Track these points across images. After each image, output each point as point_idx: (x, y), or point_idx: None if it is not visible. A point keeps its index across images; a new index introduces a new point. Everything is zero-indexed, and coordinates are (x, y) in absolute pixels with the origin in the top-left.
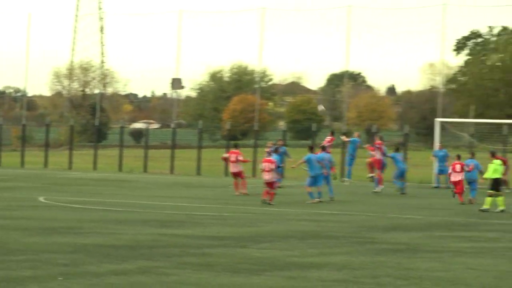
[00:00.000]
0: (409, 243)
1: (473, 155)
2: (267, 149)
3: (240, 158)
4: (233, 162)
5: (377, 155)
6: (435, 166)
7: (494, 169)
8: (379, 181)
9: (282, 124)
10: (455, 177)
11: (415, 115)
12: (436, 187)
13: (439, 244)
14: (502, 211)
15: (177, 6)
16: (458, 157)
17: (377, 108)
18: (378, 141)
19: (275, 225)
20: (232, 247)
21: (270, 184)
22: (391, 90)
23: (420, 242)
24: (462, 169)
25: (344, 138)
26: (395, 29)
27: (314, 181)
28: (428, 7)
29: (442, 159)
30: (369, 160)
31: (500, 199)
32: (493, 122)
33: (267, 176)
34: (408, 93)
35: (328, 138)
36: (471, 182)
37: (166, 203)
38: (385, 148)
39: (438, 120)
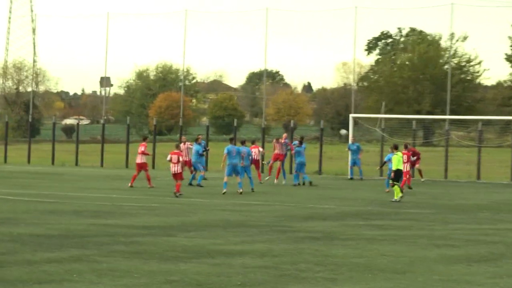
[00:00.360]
0: (326, 231)
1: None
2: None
3: (145, 150)
4: (139, 153)
5: (278, 150)
6: (349, 159)
7: (398, 161)
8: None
9: (205, 120)
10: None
11: (330, 110)
12: (350, 179)
13: (354, 232)
14: (395, 200)
15: (105, 9)
16: (405, 147)
17: (294, 105)
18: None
19: (200, 215)
20: (160, 236)
21: (177, 176)
22: (308, 87)
23: (336, 230)
24: (409, 159)
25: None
26: (311, 30)
27: (232, 170)
28: (341, 10)
29: (355, 152)
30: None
31: (396, 189)
32: (403, 117)
33: (174, 168)
34: (323, 90)
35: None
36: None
37: (96, 194)
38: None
39: (352, 115)
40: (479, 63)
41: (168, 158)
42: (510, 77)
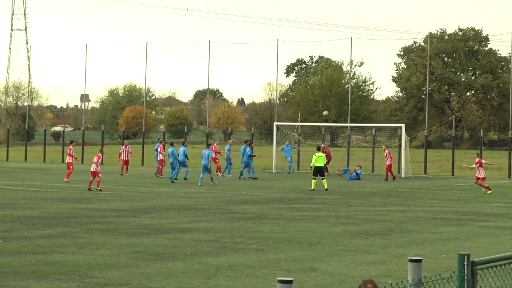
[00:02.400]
0: (256, 212)
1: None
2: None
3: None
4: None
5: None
6: (283, 156)
7: (316, 159)
8: (218, 169)
9: (162, 127)
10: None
11: (259, 120)
12: (277, 173)
13: (278, 213)
14: (326, 189)
15: (84, 40)
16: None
17: (231, 115)
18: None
19: (159, 200)
20: (128, 217)
21: (94, 173)
22: (241, 101)
23: (263, 212)
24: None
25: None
26: (243, 57)
27: (204, 169)
28: (266, 42)
29: (288, 152)
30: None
31: (324, 181)
32: (314, 125)
33: (93, 167)
34: (254, 104)
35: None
36: None
37: (78, 185)
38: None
39: (275, 123)
40: (373, 83)
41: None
42: (396, 94)
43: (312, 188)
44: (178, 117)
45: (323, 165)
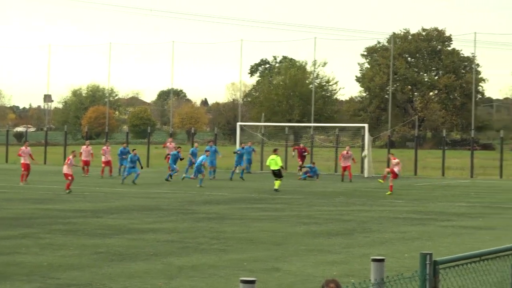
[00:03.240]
0: (219, 213)
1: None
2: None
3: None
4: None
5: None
6: (245, 158)
7: (270, 162)
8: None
9: (125, 128)
10: (344, 163)
11: (222, 120)
12: (248, 173)
13: (241, 213)
14: (276, 190)
15: (47, 41)
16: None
17: (194, 115)
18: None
19: (121, 201)
20: (90, 217)
21: (66, 176)
22: (205, 102)
23: (226, 212)
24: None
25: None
26: (207, 57)
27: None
28: (230, 42)
29: (249, 153)
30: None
31: (277, 182)
32: (278, 125)
33: (64, 168)
34: (217, 104)
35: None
36: None
37: (41, 186)
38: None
39: (239, 123)
40: (336, 83)
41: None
42: (359, 94)
43: (276, 188)
44: (141, 117)
45: (278, 168)
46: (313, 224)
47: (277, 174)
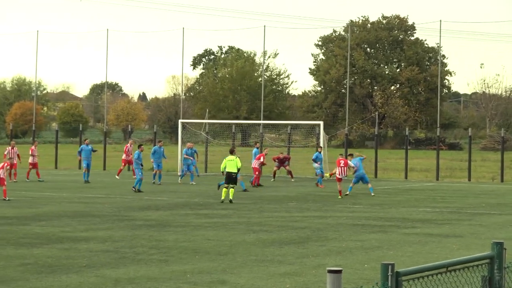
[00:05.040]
0: (159, 219)
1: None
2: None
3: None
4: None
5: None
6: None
7: (227, 164)
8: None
9: (54, 125)
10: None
11: (162, 117)
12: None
13: (183, 220)
14: (231, 201)
15: None
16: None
17: (131, 112)
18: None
19: (51, 206)
20: (16, 225)
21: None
22: (143, 96)
23: (167, 218)
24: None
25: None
26: (145, 48)
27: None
28: (170, 31)
29: (192, 155)
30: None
31: (232, 191)
32: (224, 122)
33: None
34: (156, 99)
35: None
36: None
37: None
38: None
39: (180, 121)
40: (288, 76)
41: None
42: (313, 88)
43: (222, 198)
44: (72, 113)
45: (236, 171)
46: (264, 232)
47: (234, 179)
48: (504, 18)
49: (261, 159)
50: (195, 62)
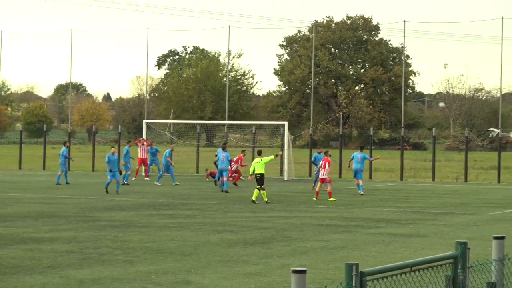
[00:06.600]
0: (124, 220)
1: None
2: None
3: None
4: None
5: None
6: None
7: (255, 166)
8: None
9: (19, 126)
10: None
11: (127, 117)
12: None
13: (148, 221)
14: (267, 202)
15: None
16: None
17: (96, 112)
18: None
19: (14, 207)
20: None
21: None
22: (107, 97)
23: (132, 219)
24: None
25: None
26: (110, 48)
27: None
28: (135, 31)
29: (154, 154)
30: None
31: (264, 193)
32: (188, 122)
33: None
34: (121, 99)
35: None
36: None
37: None
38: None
39: (145, 121)
40: (253, 76)
41: None
42: (278, 88)
43: (253, 199)
44: (36, 114)
45: (263, 172)
46: (228, 232)
47: (263, 180)
48: (467, 18)
49: (239, 162)
50: (160, 63)
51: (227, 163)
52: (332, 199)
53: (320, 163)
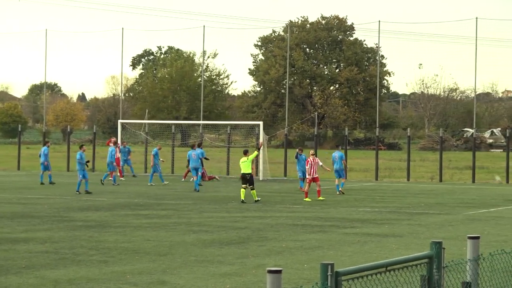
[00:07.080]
0: (99, 220)
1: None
2: None
3: None
4: None
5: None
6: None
7: (247, 165)
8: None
9: None
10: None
11: (102, 117)
12: (133, 176)
13: (123, 221)
14: (256, 201)
15: None
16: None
17: (70, 112)
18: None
19: None
20: None
21: None
22: (82, 97)
23: (107, 219)
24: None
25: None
26: (84, 48)
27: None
28: (110, 31)
29: (126, 155)
30: None
31: (254, 192)
32: (163, 122)
33: None
34: (96, 99)
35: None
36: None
37: None
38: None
39: (120, 121)
40: (228, 76)
41: None
42: (253, 88)
43: (242, 198)
44: (11, 114)
45: (250, 172)
46: (204, 232)
47: (249, 179)
48: (442, 19)
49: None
50: (135, 63)
51: (198, 161)
52: (307, 199)
53: (308, 163)
